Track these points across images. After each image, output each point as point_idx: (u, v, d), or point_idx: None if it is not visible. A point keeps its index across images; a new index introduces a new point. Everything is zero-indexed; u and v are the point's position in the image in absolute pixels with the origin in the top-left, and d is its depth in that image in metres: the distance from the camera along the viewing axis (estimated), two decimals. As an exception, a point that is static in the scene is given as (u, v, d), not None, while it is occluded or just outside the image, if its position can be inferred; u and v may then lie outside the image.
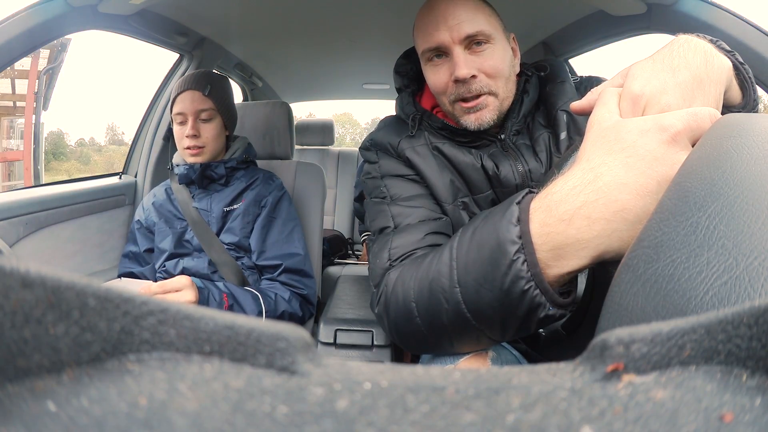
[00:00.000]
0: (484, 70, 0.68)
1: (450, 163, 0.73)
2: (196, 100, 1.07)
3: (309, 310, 1.12)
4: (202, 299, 0.92)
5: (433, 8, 0.70)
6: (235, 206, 1.11)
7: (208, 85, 1.08)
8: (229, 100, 1.16)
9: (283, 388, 0.13)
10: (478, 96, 0.69)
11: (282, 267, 1.08)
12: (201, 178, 1.09)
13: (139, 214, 1.18)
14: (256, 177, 1.15)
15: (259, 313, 0.99)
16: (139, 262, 1.15)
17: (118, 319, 0.13)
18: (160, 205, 1.15)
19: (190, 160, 1.08)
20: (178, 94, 1.08)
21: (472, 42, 0.68)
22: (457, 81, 0.68)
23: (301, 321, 1.09)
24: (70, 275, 0.13)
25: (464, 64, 0.67)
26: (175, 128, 1.09)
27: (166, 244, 1.10)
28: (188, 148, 1.07)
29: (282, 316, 1.03)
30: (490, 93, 0.69)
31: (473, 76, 0.68)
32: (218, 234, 1.10)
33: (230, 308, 0.96)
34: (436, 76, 0.71)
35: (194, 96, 1.07)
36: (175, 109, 1.08)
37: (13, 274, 0.12)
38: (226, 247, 1.08)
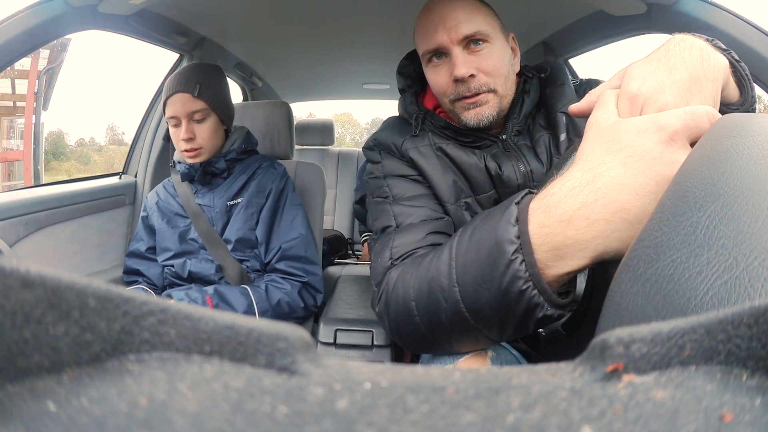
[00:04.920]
0: (483, 69, 0.69)
1: (453, 164, 0.73)
2: (186, 102, 1.03)
3: (313, 299, 1.10)
4: None
5: (432, 11, 0.71)
6: (238, 200, 1.09)
7: (198, 85, 1.04)
8: (222, 94, 1.12)
9: (283, 388, 0.13)
10: (477, 94, 0.70)
11: (279, 252, 1.06)
12: (203, 176, 1.09)
13: (144, 211, 1.18)
14: (258, 166, 1.13)
15: (249, 305, 0.98)
16: (147, 259, 1.15)
17: (118, 319, 0.13)
18: (162, 204, 1.14)
19: (190, 161, 1.07)
20: (168, 98, 1.05)
21: (471, 42, 0.69)
22: (456, 80, 0.69)
23: (305, 310, 1.08)
24: (70, 275, 0.13)
25: (463, 63, 0.68)
26: (171, 130, 1.08)
27: (171, 243, 1.10)
28: (186, 150, 1.05)
29: (279, 305, 1.02)
30: (490, 90, 0.70)
31: (472, 75, 0.69)
32: (223, 229, 1.09)
33: (215, 308, 0.95)
34: (436, 77, 0.72)
35: (184, 98, 1.03)
36: (167, 113, 1.05)
37: (13, 274, 0.12)
38: (231, 248, 1.07)
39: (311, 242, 1.12)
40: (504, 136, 0.73)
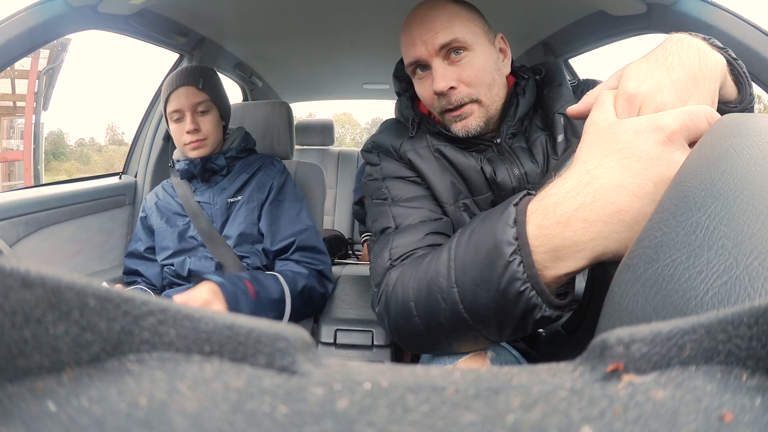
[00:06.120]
0: (464, 80, 0.68)
1: (451, 165, 0.73)
2: (190, 94, 1.07)
3: (327, 286, 1.11)
4: (228, 294, 0.89)
5: (410, 24, 0.71)
6: (239, 197, 1.11)
7: (201, 79, 1.09)
8: (222, 91, 1.17)
9: (283, 388, 0.13)
10: (461, 106, 0.69)
11: (295, 245, 1.08)
12: (203, 172, 1.10)
13: (143, 212, 1.19)
14: (257, 165, 1.16)
15: (282, 293, 0.99)
16: (145, 260, 1.15)
17: (118, 319, 0.13)
18: (161, 204, 1.15)
19: (193, 154, 1.08)
20: (171, 92, 1.07)
21: (450, 51, 0.68)
22: (437, 94, 0.69)
23: (323, 297, 1.09)
24: (70, 275, 0.13)
25: (441, 77, 0.68)
26: (172, 127, 1.09)
27: (170, 241, 1.10)
28: (190, 142, 1.07)
29: (303, 292, 1.03)
30: (473, 101, 0.69)
31: (452, 88, 0.68)
32: (223, 226, 1.10)
33: (257, 294, 0.94)
34: (422, 89, 0.73)
35: (188, 91, 1.07)
36: (170, 107, 1.07)
37: (13, 274, 0.12)
38: (233, 243, 1.08)
39: (318, 234, 1.15)
40: (498, 140, 0.73)
